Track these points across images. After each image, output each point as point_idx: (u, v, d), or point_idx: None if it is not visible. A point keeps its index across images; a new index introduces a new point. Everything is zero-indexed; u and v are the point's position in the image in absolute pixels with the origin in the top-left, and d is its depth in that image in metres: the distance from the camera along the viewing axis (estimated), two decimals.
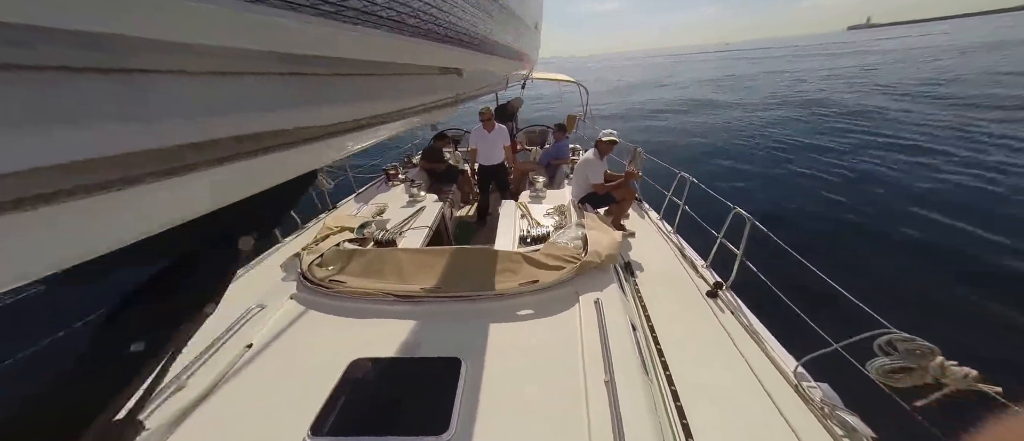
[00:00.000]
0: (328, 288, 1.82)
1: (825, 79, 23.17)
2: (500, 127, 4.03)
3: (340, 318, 1.70)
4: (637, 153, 4.02)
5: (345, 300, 1.78)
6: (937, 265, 4.44)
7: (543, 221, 2.76)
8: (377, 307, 1.73)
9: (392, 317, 1.67)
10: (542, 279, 1.78)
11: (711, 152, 9.56)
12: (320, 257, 2.04)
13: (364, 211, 3.25)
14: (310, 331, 1.66)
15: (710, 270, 2.53)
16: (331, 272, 1.95)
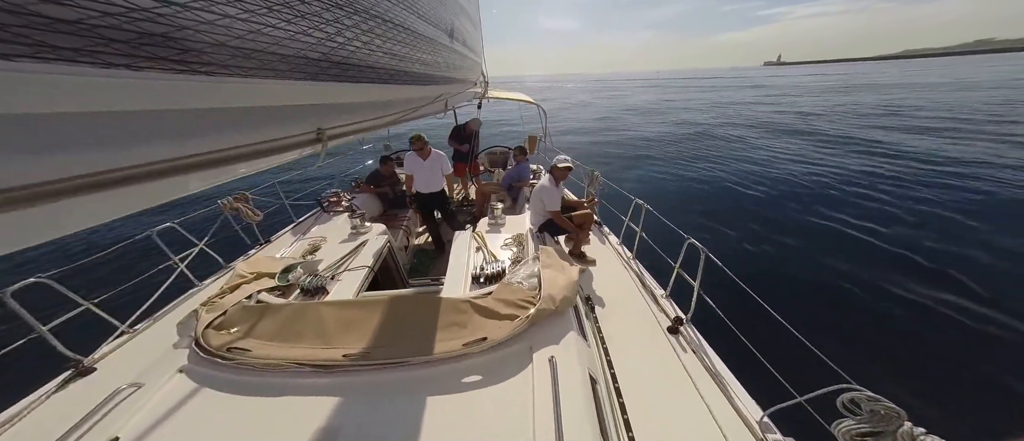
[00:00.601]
0: (226, 358, 1.45)
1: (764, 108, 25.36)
2: (437, 153, 3.79)
3: (241, 398, 1.34)
4: (595, 177, 3.97)
5: (248, 373, 1.42)
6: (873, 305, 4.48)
7: (500, 254, 2.55)
8: (289, 381, 1.40)
9: (308, 393, 1.35)
10: (492, 334, 1.53)
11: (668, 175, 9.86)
12: (221, 315, 1.67)
13: (292, 250, 2.84)
14: (200, 418, 1.29)
15: (670, 300, 2.46)
16: (234, 336, 1.58)
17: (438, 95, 1.73)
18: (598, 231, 3.69)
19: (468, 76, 2.33)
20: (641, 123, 20.03)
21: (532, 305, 1.63)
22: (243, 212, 3.26)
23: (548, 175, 3.06)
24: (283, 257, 2.61)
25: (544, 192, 2.96)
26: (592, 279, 2.83)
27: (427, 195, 3.86)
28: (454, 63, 1.93)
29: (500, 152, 6.05)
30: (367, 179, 4.56)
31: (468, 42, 2.26)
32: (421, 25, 1.32)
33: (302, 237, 3.21)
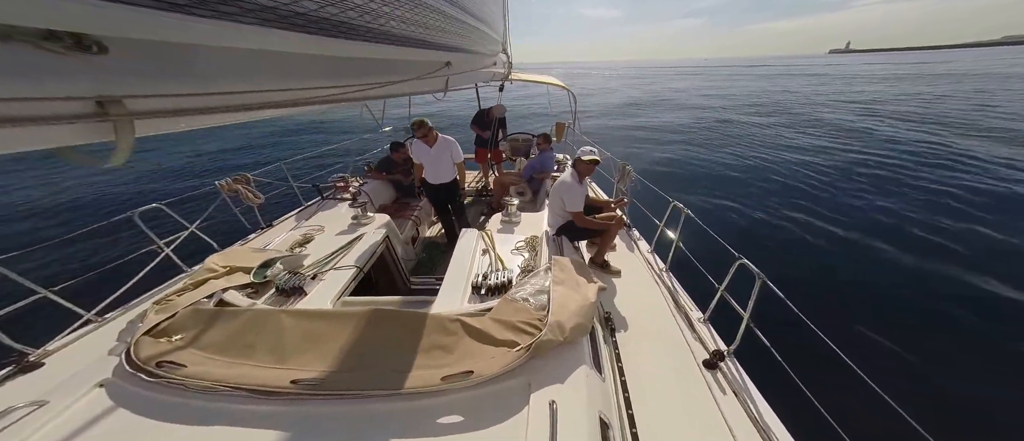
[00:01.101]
0: (153, 375, 1.21)
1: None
2: (445, 140, 3.31)
3: (162, 424, 1.10)
4: (626, 172, 3.42)
5: (176, 394, 1.17)
6: None
7: (508, 260, 2.18)
8: (223, 407, 1.14)
9: (243, 423, 1.10)
10: (480, 367, 1.22)
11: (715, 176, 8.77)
12: (169, 319, 1.43)
13: (281, 240, 2.60)
14: None
15: (708, 326, 2.06)
16: (171, 346, 1.33)
17: (438, 63, 1.43)
18: (626, 235, 3.21)
19: (477, 47, 1.91)
20: (681, 114, 18.39)
21: (536, 331, 1.31)
22: (243, 194, 3.08)
23: (570, 169, 2.60)
24: (268, 249, 2.37)
25: (564, 189, 2.52)
26: (615, 293, 2.43)
27: (436, 186, 3.43)
28: (458, 30, 1.59)
29: (523, 140, 5.57)
30: (378, 165, 4.30)
31: (478, 13, 1.87)
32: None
33: (301, 225, 3.00)
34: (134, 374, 1.22)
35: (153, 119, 0.49)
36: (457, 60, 1.62)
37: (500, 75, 3.34)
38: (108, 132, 0.45)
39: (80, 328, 1.85)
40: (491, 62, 2.62)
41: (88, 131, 0.44)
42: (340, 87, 0.92)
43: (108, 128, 0.45)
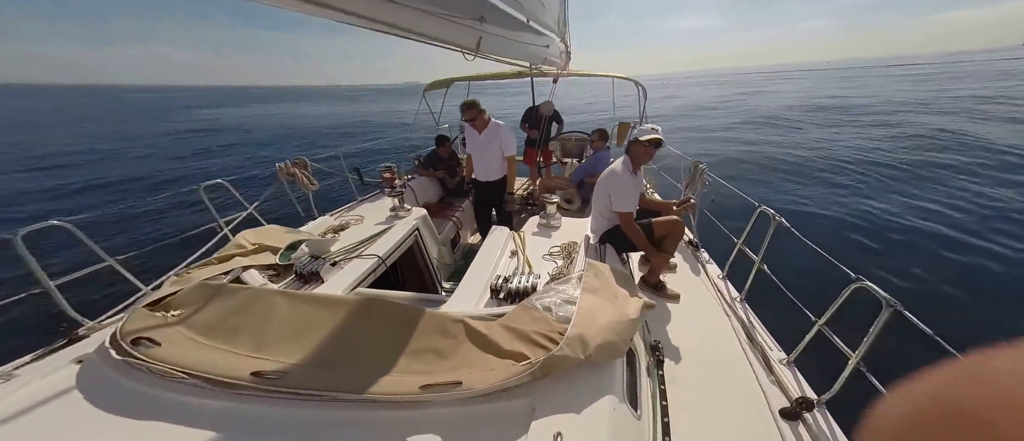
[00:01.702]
0: (125, 354, 1.11)
1: None
2: (495, 124, 2.87)
3: (103, 415, 0.98)
4: (698, 172, 2.84)
5: (136, 378, 1.07)
6: None
7: (538, 266, 1.88)
8: (175, 399, 1.01)
9: (188, 421, 0.95)
10: (471, 379, 0.99)
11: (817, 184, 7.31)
12: (174, 294, 1.38)
13: (317, 225, 2.59)
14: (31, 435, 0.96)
15: (792, 368, 1.63)
16: (162, 321, 1.25)
17: (541, 52, 1.31)
18: (690, 253, 2.69)
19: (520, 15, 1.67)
20: (792, 120, 15.91)
21: (551, 345, 1.06)
22: (299, 179, 3.15)
23: (624, 157, 2.14)
24: (298, 231, 2.35)
25: (612, 181, 2.07)
26: (669, 319, 2.01)
27: (484, 184, 3.00)
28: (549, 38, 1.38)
29: (575, 140, 5.16)
30: (425, 161, 4.26)
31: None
32: None
33: (342, 212, 3.01)
34: (108, 351, 1.14)
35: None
36: (494, 17, 1.41)
37: (554, 63, 3.00)
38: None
39: (134, 303, 1.94)
40: (542, 43, 2.36)
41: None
42: None
43: None
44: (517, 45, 1.93)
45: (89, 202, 8.19)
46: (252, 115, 32.74)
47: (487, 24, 1.40)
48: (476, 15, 1.32)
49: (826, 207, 6.04)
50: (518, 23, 1.80)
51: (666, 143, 2.24)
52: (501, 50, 1.71)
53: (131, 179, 9.98)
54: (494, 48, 1.60)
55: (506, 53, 1.83)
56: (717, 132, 14.71)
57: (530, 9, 1.89)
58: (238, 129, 22.28)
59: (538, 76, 4.23)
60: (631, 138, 2.10)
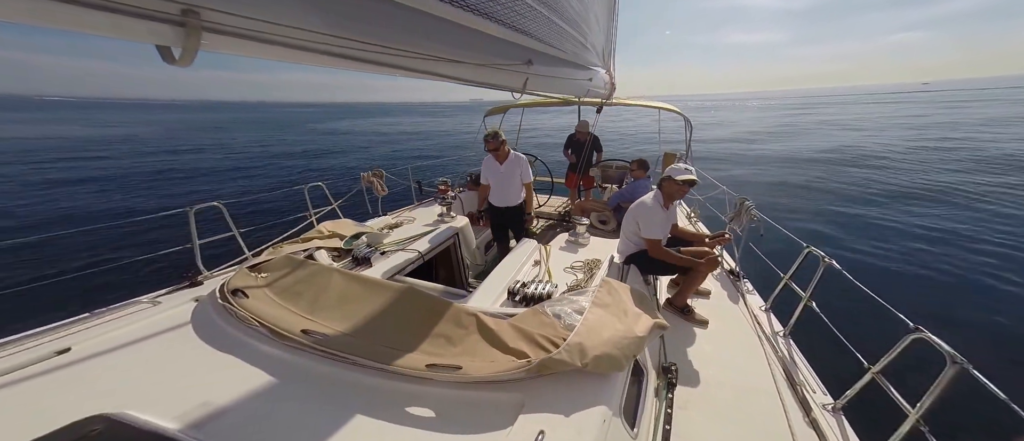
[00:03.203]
0: (224, 301, 1.47)
1: None
2: (516, 157, 3.04)
3: (207, 348, 1.31)
4: (744, 208, 2.76)
5: (224, 320, 1.41)
6: None
7: (558, 277, 2.01)
8: (243, 339, 1.31)
9: (255, 362, 1.23)
10: (472, 367, 1.12)
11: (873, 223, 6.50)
12: (267, 260, 1.80)
13: (377, 221, 3.07)
14: (154, 346, 1.31)
15: (838, 416, 1.52)
16: (256, 281, 1.63)
17: (518, 56, 1.40)
18: (730, 283, 2.61)
19: (566, 54, 1.89)
20: (868, 155, 14.18)
21: (552, 348, 1.14)
22: (375, 186, 3.83)
23: (655, 190, 2.24)
24: (364, 225, 2.81)
25: (641, 211, 2.16)
26: (691, 343, 1.99)
27: (501, 210, 3.11)
28: (545, 29, 1.56)
29: (616, 167, 5.22)
30: (476, 177, 4.72)
31: (572, 19, 1.85)
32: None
33: (400, 213, 3.48)
34: (215, 297, 1.53)
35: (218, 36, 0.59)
36: (540, 60, 1.60)
37: (598, 93, 3.22)
38: (180, 37, 0.56)
39: (238, 264, 2.46)
40: (585, 76, 2.57)
41: (168, 32, 0.55)
42: (406, 51, 0.96)
43: (181, 32, 0.56)
44: (561, 81, 2.15)
45: (238, 186, 11.61)
46: (360, 126, 41.09)
47: (533, 66, 1.58)
48: (524, 59, 1.50)
49: (893, 249, 5.30)
50: (562, 61, 2.00)
51: (712, 178, 2.26)
52: (546, 87, 1.93)
53: (269, 175, 13.72)
54: (540, 86, 1.80)
55: (551, 89, 2.05)
56: (774, 162, 13.55)
57: (574, 50, 2.10)
58: (348, 135, 29.55)
59: (586, 104, 4.46)
60: (665, 175, 2.19)
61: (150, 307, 1.64)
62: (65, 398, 1.09)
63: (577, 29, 2.01)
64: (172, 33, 0.56)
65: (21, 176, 12.41)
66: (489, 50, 1.31)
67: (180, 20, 0.55)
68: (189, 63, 0.58)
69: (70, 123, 40.37)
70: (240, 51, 0.65)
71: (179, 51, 0.57)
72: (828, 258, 1.85)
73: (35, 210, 8.74)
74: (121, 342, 1.35)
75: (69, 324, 1.49)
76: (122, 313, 1.59)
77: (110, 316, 1.56)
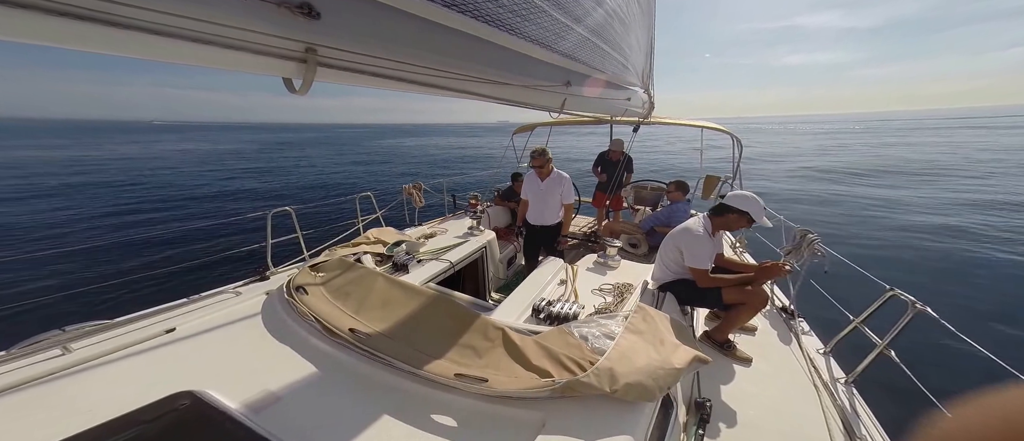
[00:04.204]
0: (288, 294, 1.65)
1: None
2: (558, 175, 2.99)
3: (271, 338, 1.46)
4: (806, 242, 2.52)
5: (286, 312, 1.57)
6: None
7: (584, 298, 2.00)
8: (299, 331, 1.45)
9: (307, 354, 1.35)
10: (496, 381, 1.14)
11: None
12: (325, 260, 1.99)
13: (415, 230, 3.26)
14: (227, 333, 1.48)
15: None
16: (314, 279, 1.81)
17: (556, 78, 1.47)
18: (783, 321, 2.43)
19: (605, 75, 1.96)
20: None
21: (578, 371, 1.14)
22: (414, 197, 4.10)
23: (703, 216, 2.12)
24: (404, 233, 3.01)
25: (686, 238, 2.04)
26: (730, 380, 1.87)
27: (537, 227, 3.09)
28: (583, 52, 1.62)
29: (651, 189, 5.09)
30: (503, 193, 4.84)
31: (611, 40, 1.92)
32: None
33: (434, 225, 3.67)
34: (281, 292, 1.71)
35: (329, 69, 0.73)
36: (579, 80, 1.67)
37: (636, 113, 3.22)
38: (301, 71, 0.70)
39: (298, 263, 2.71)
40: (623, 96, 2.61)
41: (292, 67, 0.69)
42: (466, 75, 1.06)
43: (302, 67, 0.69)
44: (599, 101, 2.21)
45: (305, 194, 14.02)
46: (404, 144, 47.03)
47: (572, 86, 1.66)
48: (563, 80, 1.58)
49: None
50: (601, 82, 2.07)
51: (765, 207, 2.05)
52: (583, 107, 1.98)
53: (330, 185, 16.35)
54: (577, 106, 1.87)
55: (588, 109, 2.11)
56: (836, 190, 12.36)
57: (614, 70, 2.17)
58: (394, 152, 34.40)
59: (621, 122, 4.47)
60: (724, 200, 2.01)
61: (233, 296, 1.87)
62: (167, 371, 1.28)
63: (619, 51, 2.08)
64: (295, 68, 0.70)
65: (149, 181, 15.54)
66: (532, 72, 1.38)
67: (302, 57, 0.69)
68: (306, 92, 0.71)
69: (186, 142, 49.10)
70: (343, 81, 0.78)
71: (299, 82, 0.71)
72: (920, 304, 1.66)
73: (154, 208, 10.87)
74: (209, 326, 1.55)
75: (175, 306, 1.75)
76: (211, 300, 1.83)
77: (203, 302, 1.81)
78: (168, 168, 21.44)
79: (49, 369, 1.24)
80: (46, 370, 1.23)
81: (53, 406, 1.11)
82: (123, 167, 21.26)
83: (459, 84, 1.09)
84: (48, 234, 8.33)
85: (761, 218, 1.92)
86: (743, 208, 1.93)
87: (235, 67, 0.65)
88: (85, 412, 1.04)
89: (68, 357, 1.31)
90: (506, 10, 1.07)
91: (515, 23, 1.13)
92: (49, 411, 1.09)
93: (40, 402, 1.13)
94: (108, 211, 10.74)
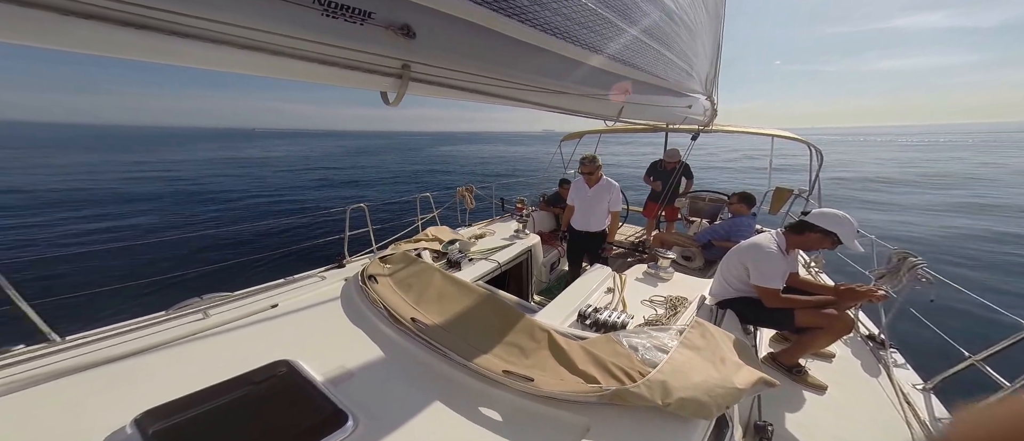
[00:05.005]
0: (363, 280, 1.87)
1: None
2: (607, 182, 2.95)
3: (346, 321, 1.66)
4: (906, 266, 2.16)
5: (358, 296, 1.77)
6: None
7: (633, 308, 1.94)
8: (371, 320, 1.62)
9: (374, 338, 1.50)
10: (540, 380, 1.17)
11: None
12: (392, 254, 2.20)
13: (467, 230, 3.43)
14: (317, 316, 1.69)
15: None
16: (383, 269, 2.01)
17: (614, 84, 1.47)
18: (868, 348, 2.18)
19: (665, 82, 1.91)
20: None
21: (626, 380, 1.12)
22: (466, 199, 4.33)
23: (776, 232, 1.94)
24: (457, 232, 3.21)
25: (756, 254, 1.86)
26: (799, 407, 1.73)
27: (582, 233, 3.06)
28: (642, 57, 1.59)
29: (710, 200, 4.72)
30: (549, 199, 4.87)
31: (673, 46, 1.88)
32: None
33: (484, 226, 3.83)
34: (357, 280, 1.93)
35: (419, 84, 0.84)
36: (637, 88, 1.65)
37: (696, 120, 3.04)
38: (396, 85, 0.81)
39: (368, 254, 2.98)
40: (684, 103, 2.50)
41: (389, 82, 0.81)
42: (530, 86, 1.12)
43: (397, 82, 0.81)
44: (657, 109, 2.16)
45: (376, 192, 16.44)
46: (460, 150, 52.57)
47: (631, 95, 1.66)
48: (622, 89, 1.64)
49: None
50: (661, 89, 2.01)
51: (855, 224, 1.78)
52: (640, 114, 1.96)
53: (397, 185, 18.79)
54: (634, 114, 1.85)
55: (645, 116, 2.08)
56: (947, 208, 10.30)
57: (677, 78, 2.09)
58: (450, 157, 38.29)
59: (676, 130, 4.24)
60: (807, 218, 1.81)
61: (319, 280, 2.16)
62: (270, 340, 1.52)
63: (684, 59, 2.02)
64: (391, 83, 0.82)
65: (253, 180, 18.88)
66: (591, 81, 1.39)
67: (399, 73, 0.81)
68: (398, 104, 0.83)
69: (289, 146, 57.68)
70: (429, 94, 0.90)
71: (394, 96, 0.83)
72: None
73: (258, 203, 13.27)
74: (301, 305, 1.82)
75: (276, 285, 2.07)
76: (303, 282, 2.13)
77: (296, 283, 2.12)
78: (285, 168, 26.02)
79: (193, 330, 1.55)
80: (190, 331, 1.54)
81: (195, 361, 1.39)
82: (243, 170, 25.82)
83: (523, 94, 1.16)
84: (191, 220, 10.68)
85: (852, 242, 1.71)
86: (830, 228, 1.73)
87: (346, 84, 0.78)
88: (217, 368, 1.28)
89: (205, 321, 1.62)
90: (572, 22, 1.10)
91: (576, 32, 1.15)
92: (192, 365, 1.37)
93: (187, 356, 1.42)
94: (236, 198, 14.17)
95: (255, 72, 0.67)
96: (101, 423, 1.04)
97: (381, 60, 0.77)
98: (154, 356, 1.40)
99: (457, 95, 0.95)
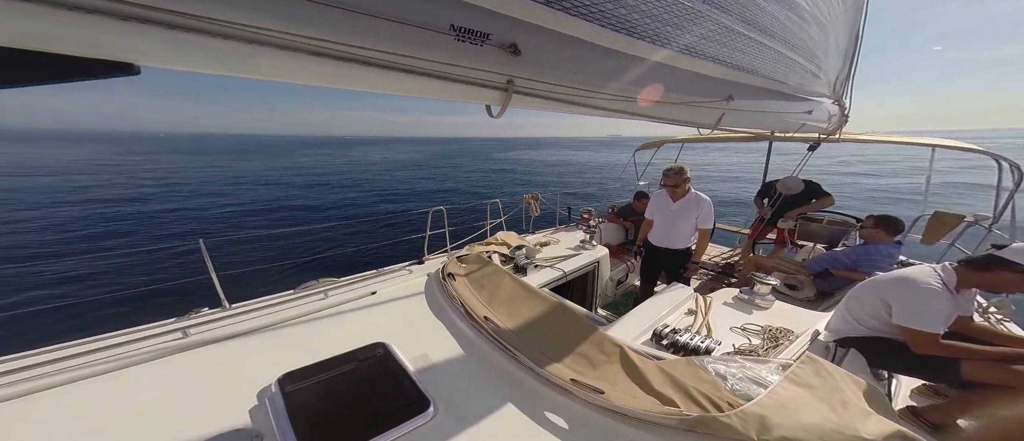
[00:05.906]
0: (442, 277, 2.03)
1: None
2: (697, 197, 2.66)
3: (429, 313, 1.80)
4: None
5: (439, 292, 1.91)
6: None
7: (722, 333, 1.72)
8: (449, 316, 1.73)
9: (452, 331, 1.61)
10: (611, 394, 1.13)
11: None
12: (467, 254, 2.38)
13: (534, 237, 3.46)
14: (406, 306, 1.87)
15: None
16: (459, 269, 2.15)
17: (716, 92, 1.34)
18: None
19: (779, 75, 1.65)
20: None
21: (712, 408, 1.03)
22: (532, 206, 4.42)
23: (944, 266, 1.54)
24: (523, 238, 3.28)
25: (901, 289, 1.51)
26: None
27: (659, 249, 2.80)
28: (750, 54, 1.39)
29: (826, 223, 3.91)
30: (619, 211, 4.65)
31: (790, 39, 1.62)
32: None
33: (549, 234, 3.83)
34: (438, 275, 2.10)
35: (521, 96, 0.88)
36: (743, 93, 1.47)
37: (816, 127, 2.48)
38: (501, 99, 0.86)
39: (443, 253, 3.17)
40: (803, 108, 2.13)
41: (495, 96, 0.86)
42: (621, 96, 1.09)
43: (503, 96, 0.86)
44: (766, 115, 1.87)
45: (450, 197, 17.93)
46: (524, 155, 53.85)
47: (734, 101, 1.46)
48: (724, 96, 1.41)
49: None
50: (773, 93, 1.76)
51: None
52: (743, 122, 1.71)
53: (471, 190, 20.52)
54: (736, 121, 1.61)
55: (749, 124, 1.81)
56: None
57: (799, 80, 1.80)
58: (514, 162, 39.70)
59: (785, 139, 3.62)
60: (1001, 253, 1.44)
61: (407, 274, 2.40)
62: (371, 324, 1.74)
63: (810, 58, 1.73)
64: (497, 96, 0.87)
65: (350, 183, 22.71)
66: (689, 88, 1.28)
67: (504, 87, 0.85)
68: (500, 116, 0.88)
69: (377, 152, 66.09)
70: (531, 106, 0.93)
71: (498, 109, 0.88)
72: None
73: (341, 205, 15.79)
74: (394, 296, 2.04)
75: (374, 275, 2.35)
76: (393, 274, 2.39)
77: (388, 275, 2.38)
78: (381, 171, 30.09)
79: (316, 308, 1.84)
80: (315, 308, 1.83)
81: (317, 335, 1.64)
82: (351, 171, 30.88)
83: (618, 105, 1.13)
84: (311, 215, 13.29)
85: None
86: (1019, 260, 1.34)
87: (457, 98, 0.85)
88: (332, 343, 1.50)
89: (325, 301, 1.92)
90: (664, 24, 1.01)
91: (668, 34, 1.05)
92: (315, 337, 1.61)
93: (312, 330, 1.68)
94: (339, 200, 16.48)
95: (387, 90, 0.77)
96: (255, 379, 1.29)
97: (490, 76, 0.82)
98: (291, 328, 1.69)
99: (556, 107, 0.97)
